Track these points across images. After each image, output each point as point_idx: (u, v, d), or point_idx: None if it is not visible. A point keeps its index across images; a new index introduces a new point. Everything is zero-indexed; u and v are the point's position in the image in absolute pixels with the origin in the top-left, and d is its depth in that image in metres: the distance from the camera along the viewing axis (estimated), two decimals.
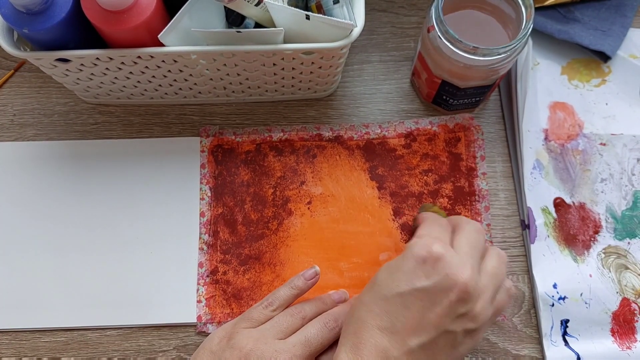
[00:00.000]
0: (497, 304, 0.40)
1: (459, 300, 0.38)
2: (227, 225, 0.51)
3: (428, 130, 0.54)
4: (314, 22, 0.42)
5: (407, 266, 0.39)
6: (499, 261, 0.41)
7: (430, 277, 0.38)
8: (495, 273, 0.40)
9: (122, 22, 0.42)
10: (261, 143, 0.53)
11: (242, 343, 0.41)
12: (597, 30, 0.55)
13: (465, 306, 0.38)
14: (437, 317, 0.37)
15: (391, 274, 0.39)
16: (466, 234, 0.41)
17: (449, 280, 0.37)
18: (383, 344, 0.37)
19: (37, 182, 0.53)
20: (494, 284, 0.40)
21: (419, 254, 0.38)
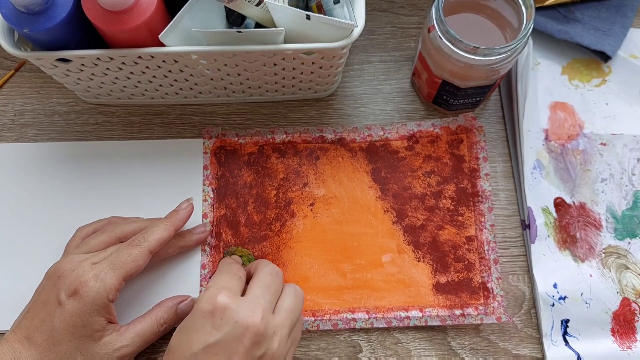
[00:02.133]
0: (293, 337, 0.42)
1: (253, 344, 0.38)
2: (229, 227, 0.51)
3: (430, 132, 0.54)
4: (314, 22, 0.42)
5: (196, 324, 0.39)
6: (295, 298, 0.42)
7: (220, 329, 0.38)
8: (292, 310, 0.41)
9: (122, 22, 0.42)
10: (264, 145, 0.53)
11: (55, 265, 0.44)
12: (597, 30, 0.55)
13: (260, 348, 0.38)
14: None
15: (183, 336, 0.39)
16: (260, 277, 0.42)
17: (239, 327, 0.38)
18: None
19: (37, 183, 0.53)
20: (291, 319, 0.41)
21: (204, 308, 0.39)
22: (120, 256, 0.44)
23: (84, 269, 0.43)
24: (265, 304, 0.40)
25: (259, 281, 0.42)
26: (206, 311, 0.39)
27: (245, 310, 0.39)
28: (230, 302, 0.39)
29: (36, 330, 0.42)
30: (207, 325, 0.38)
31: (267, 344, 0.39)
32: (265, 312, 0.39)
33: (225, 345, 0.38)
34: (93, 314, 0.42)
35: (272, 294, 0.42)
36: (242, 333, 0.38)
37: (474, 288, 0.49)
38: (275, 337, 0.39)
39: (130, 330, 0.44)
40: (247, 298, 0.40)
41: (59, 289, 0.42)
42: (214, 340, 0.38)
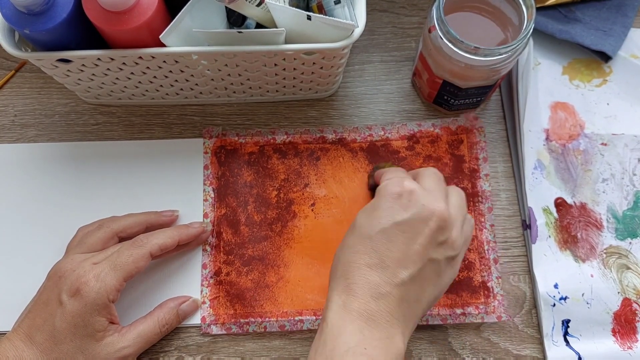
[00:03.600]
0: (465, 233, 0.43)
1: (438, 229, 0.40)
2: (230, 226, 0.51)
3: (431, 132, 0.54)
4: (315, 23, 0.42)
5: (385, 204, 0.40)
6: (460, 196, 0.44)
7: (408, 209, 0.40)
8: (460, 205, 0.43)
9: (123, 23, 0.42)
10: (264, 145, 0.53)
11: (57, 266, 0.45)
12: (598, 30, 0.55)
13: (444, 234, 0.40)
14: (420, 247, 0.39)
15: (370, 215, 0.41)
16: (427, 175, 0.44)
17: (426, 210, 0.40)
18: (374, 280, 0.38)
19: (38, 184, 0.53)
20: (461, 214, 0.42)
21: (393, 190, 0.41)
22: (121, 257, 0.44)
23: (85, 269, 0.43)
24: (443, 196, 0.42)
25: (428, 178, 0.43)
26: (394, 192, 0.41)
27: (430, 196, 0.41)
28: (416, 187, 0.41)
29: (38, 329, 0.42)
30: (396, 205, 0.40)
31: (449, 232, 0.40)
32: (445, 202, 0.41)
33: (412, 224, 0.39)
34: (94, 314, 0.42)
35: (443, 189, 0.43)
36: (428, 216, 0.39)
37: (474, 287, 0.49)
38: (454, 228, 0.41)
39: (132, 331, 0.45)
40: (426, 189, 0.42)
41: (60, 289, 0.42)
42: (402, 219, 0.39)
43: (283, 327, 0.49)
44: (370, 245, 0.39)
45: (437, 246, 0.40)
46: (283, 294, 0.50)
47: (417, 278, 0.39)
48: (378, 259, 0.39)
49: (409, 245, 0.39)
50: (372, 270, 0.39)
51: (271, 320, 0.49)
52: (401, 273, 0.39)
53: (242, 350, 0.49)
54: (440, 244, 0.40)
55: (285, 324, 0.49)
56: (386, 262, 0.39)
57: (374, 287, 0.38)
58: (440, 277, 0.41)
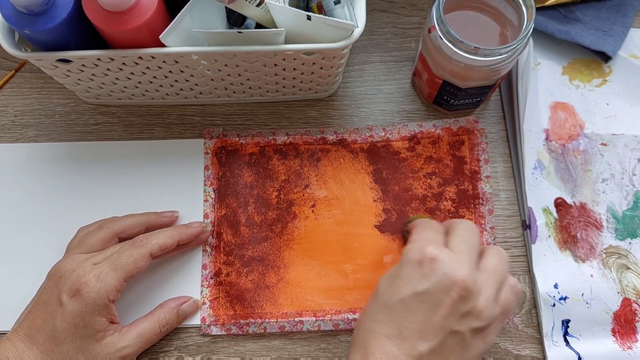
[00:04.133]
0: (502, 302, 0.40)
1: (460, 298, 0.38)
2: (230, 227, 0.51)
3: (432, 133, 0.54)
4: (315, 23, 0.42)
5: (405, 272, 0.39)
6: (499, 258, 0.41)
7: (428, 279, 0.38)
8: (495, 270, 0.40)
9: (123, 23, 0.42)
10: (265, 146, 0.53)
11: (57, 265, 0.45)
12: (598, 31, 0.55)
13: (467, 304, 0.38)
14: (441, 318, 0.37)
15: (391, 282, 0.40)
16: (459, 232, 0.42)
17: (448, 279, 0.38)
18: (392, 351, 0.37)
19: (38, 184, 0.53)
20: (496, 280, 0.40)
21: (414, 258, 0.39)
22: (121, 257, 0.44)
23: (85, 269, 0.43)
24: (470, 259, 0.40)
25: (459, 237, 0.41)
26: (415, 260, 0.39)
27: (452, 263, 0.38)
28: (438, 254, 0.39)
29: (38, 330, 0.42)
30: (416, 274, 0.38)
31: (474, 301, 0.38)
32: (471, 267, 0.39)
33: (433, 295, 0.38)
34: (94, 314, 0.42)
35: (474, 249, 0.41)
36: (449, 285, 0.38)
37: None
38: (482, 296, 0.38)
39: (132, 331, 0.45)
40: (454, 252, 0.40)
41: (60, 289, 0.42)
42: (422, 289, 0.38)
43: (283, 328, 0.49)
44: (389, 315, 0.38)
45: (460, 317, 0.38)
46: (283, 295, 0.50)
47: (437, 351, 0.38)
48: (397, 330, 0.38)
49: (428, 317, 0.37)
50: (391, 340, 0.38)
51: (271, 321, 0.49)
52: (420, 345, 0.37)
53: (242, 350, 0.49)
54: (463, 314, 0.38)
55: (285, 325, 0.49)
56: (405, 334, 0.37)
57: (391, 358, 0.37)
58: (466, 350, 0.38)
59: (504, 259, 0.42)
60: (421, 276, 0.38)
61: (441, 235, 0.42)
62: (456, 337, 0.38)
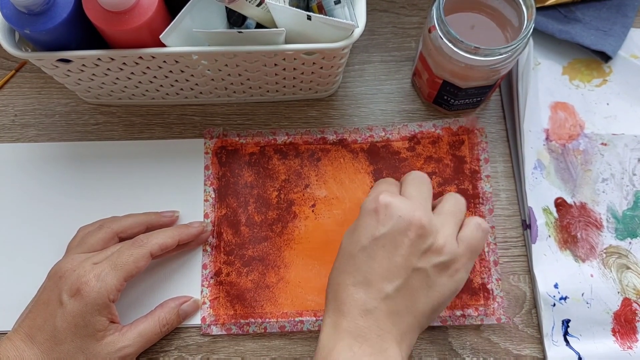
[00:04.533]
0: (467, 238, 0.41)
1: (418, 237, 0.39)
2: (230, 227, 0.51)
3: (432, 133, 0.54)
4: (315, 23, 0.42)
5: (363, 221, 0.41)
6: (455, 201, 0.43)
7: (385, 224, 0.40)
8: (452, 210, 0.42)
9: (123, 23, 0.42)
10: (265, 146, 0.53)
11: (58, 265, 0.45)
12: (598, 30, 0.55)
13: (426, 241, 0.39)
14: (402, 258, 0.39)
15: (352, 234, 0.41)
16: (410, 182, 0.43)
17: (403, 221, 0.39)
18: (360, 297, 0.39)
19: (38, 184, 0.53)
20: (453, 219, 0.42)
21: (370, 207, 0.41)
22: (121, 256, 0.44)
23: (85, 269, 0.43)
24: (423, 202, 0.41)
25: (409, 185, 0.43)
26: (371, 210, 0.41)
27: (406, 206, 0.40)
28: (392, 200, 0.40)
29: (38, 329, 0.42)
30: (373, 221, 0.40)
31: (432, 238, 0.40)
32: (425, 209, 0.41)
33: (391, 237, 0.39)
34: (94, 314, 0.42)
35: (426, 194, 0.42)
36: (406, 226, 0.39)
37: (474, 289, 0.49)
38: (440, 234, 0.40)
39: (133, 330, 0.45)
40: (406, 198, 0.41)
41: (61, 289, 0.43)
42: (380, 234, 0.39)
43: (283, 327, 0.49)
44: (354, 265, 0.40)
45: (421, 255, 0.39)
46: (283, 295, 0.50)
47: (403, 289, 0.39)
48: (362, 277, 0.39)
49: (390, 259, 0.39)
50: (358, 288, 0.39)
51: (271, 321, 0.49)
52: (386, 287, 0.39)
53: (242, 350, 0.49)
54: (424, 252, 0.39)
55: (286, 324, 0.49)
56: (370, 279, 0.39)
57: (360, 304, 0.39)
58: (432, 287, 0.40)
59: (460, 201, 0.43)
60: (378, 222, 0.40)
61: (395, 187, 0.44)
62: (420, 274, 0.39)
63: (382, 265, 0.39)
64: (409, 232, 0.39)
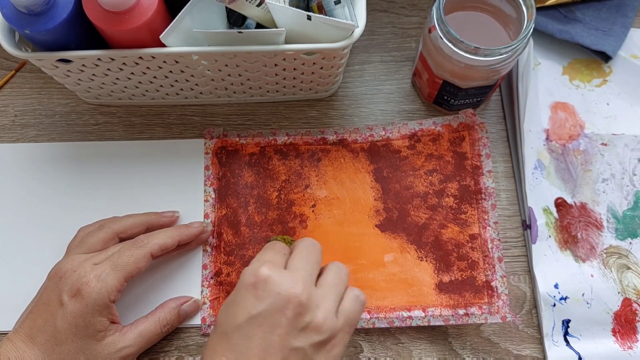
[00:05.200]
0: (345, 312, 0.39)
1: (296, 315, 0.37)
2: (230, 227, 0.51)
3: (432, 130, 0.53)
4: (315, 23, 0.42)
5: (240, 296, 0.38)
6: (338, 272, 0.41)
7: (263, 301, 0.37)
8: (334, 283, 0.40)
9: (123, 23, 0.42)
10: (265, 146, 0.53)
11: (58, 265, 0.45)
12: (598, 31, 0.55)
13: (304, 319, 0.37)
14: (279, 338, 0.37)
15: (228, 309, 0.39)
16: (299, 250, 0.41)
17: (282, 298, 0.37)
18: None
19: (38, 184, 0.53)
20: (334, 292, 0.40)
21: (247, 281, 0.38)
22: (122, 257, 0.44)
23: (86, 269, 0.43)
24: (306, 275, 0.39)
25: (297, 254, 0.41)
26: (249, 284, 0.38)
27: (286, 281, 0.38)
28: (271, 274, 0.38)
29: (39, 330, 0.42)
30: (250, 297, 0.38)
31: (311, 315, 0.38)
32: (306, 283, 0.39)
33: (268, 316, 0.37)
34: (95, 314, 0.42)
35: (312, 265, 0.41)
36: (284, 304, 0.37)
37: (477, 287, 0.49)
38: (319, 309, 0.38)
39: (133, 331, 0.45)
40: (288, 270, 0.40)
41: (61, 289, 0.42)
42: (257, 312, 0.37)
43: None
44: (227, 345, 0.38)
45: (298, 334, 0.37)
46: None
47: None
48: (235, 357, 0.37)
49: (267, 339, 0.37)
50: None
51: None
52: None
53: None
54: (301, 330, 0.37)
55: None
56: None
57: None
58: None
59: (343, 272, 0.41)
60: (255, 299, 0.38)
61: (282, 255, 0.42)
62: (297, 354, 0.37)
63: (258, 346, 0.37)
64: (286, 311, 0.37)
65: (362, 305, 0.41)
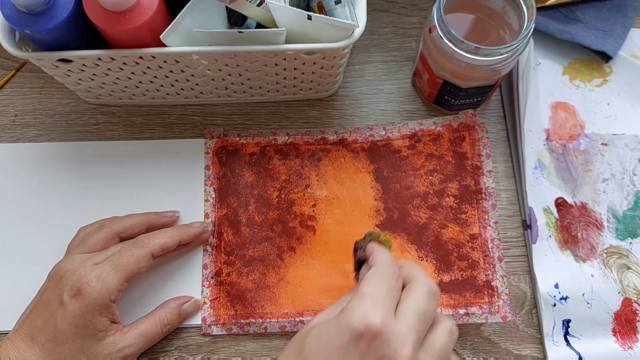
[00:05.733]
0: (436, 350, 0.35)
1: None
2: (231, 227, 0.51)
3: (432, 130, 0.53)
4: (315, 23, 0.42)
5: (341, 340, 0.34)
6: (449, 340, 0.36)
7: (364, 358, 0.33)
8: (441, 354, 0.35)
9: (124, 23, 0.42)
10: (266, 146, 0.53)
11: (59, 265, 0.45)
12: (598, 30, 0.55)
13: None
14: None
15: (322, 347, 0.35)
16: (417, 297, 0.36)
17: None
18: None
19: (38, 184, 0.53)
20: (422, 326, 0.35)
21: (355, 328, 0.34)
22: (122, 257, 0.44)
23: (86, 269, 0.43)
24: (417, 337, 0.34)
25: (415, 303, 0.36)
26: (356, 332, 0.33)
27: (396, 341, 0.33)
28: (384, 329, 0.33)
29: (39, 330, 0.42)
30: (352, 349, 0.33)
31: None
32: (415, 349, 0.34)
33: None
34: (95, 314, 0.42)
35: (425, 324, 0.36)
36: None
37: (478, 287, 0.49)
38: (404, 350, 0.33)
39: (134, 331, 0.45)
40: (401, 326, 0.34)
41: (62, 289, 0.43)
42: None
43: (284, 327, 0.49)
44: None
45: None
46: (284, 295, 0.50)
47: None
48: None
49: None
50: None
51: (272, 321, 0.49)
52: None
53: (242, 350, 0.49)
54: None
55: (286, 324, 0.49)
56: None
57: None
58: None
59: (453, 339, 0.37)
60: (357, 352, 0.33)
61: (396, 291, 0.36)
62: None
63: None
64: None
65: (454, 340, 0.37)
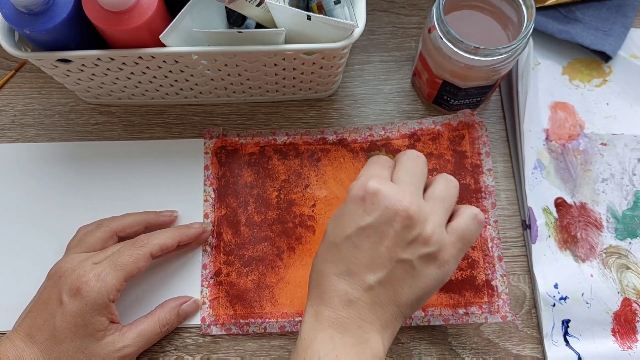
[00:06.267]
0: (460, 228, 0.40)
1: (404, 228, 0.38)
2: (230, 227, 0.51)
3: (432, 129, 0.53)
4: (315, 23, 0.42)
5: (349, 209, 0.40)
6: (446, 185, 0.41)
7: (371, 213, 0.39)
8: (442, 197, 0.40)
9: (123, 23, 0.42)
10: (265, 146, 0.53)
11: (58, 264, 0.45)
12: (598, 30, 0.55)
13: (412, 231, 0.38)
14: (386, 249, 0.38)
15: (337, 221, 0.40)
16: (403, 163, 0.42)
17: (390, 211, 0.38)
18: (342, 288, 0.38)
19: (37, 184, 0.53)
20: (443, 206, 0.40)
21: (356, 194, 0.40)
22: (121, 256, 0.44)
23: (85, 269, 0.43)
24: (413, 188, 0.40)
25: (402, 167, 0.41)
26: (357, 197, 0.39)
27: (394, 194, 0.39)
28: (380, 187, 0.39)
29: (38, 329, 0.42)
30: (359, 210, 0.39)
31: (419, 228, 0.38)
32: (414, 195, 0.39)
33: (376, 227, 0.38)
34: (94, 313, 0.42)
35: (418, 178, 0.41)
36: (392, 217, 0.38)
37: (477, 286, 0.49)
38: (428, 222, 0.38)
39: (133, 330, 0.45)
40: (395, 183, 0.40)
41: (61, 289, 0.43)
42: (366, 224, 0.38)
43: (283, 327, 0.49)
44: (337, 254, 0.39)
45: (407, 246, 0.38)
46: (283, 295, 0.50)
47: (386, 281, 0.38)
48: (345, 267, 0.39)
49: (375, 250, 0.38)
50: (340, 278, 0.39)
51: (271, 321, 0.49)
52: (369, 278, 0.38)
53: (241, 350, 0.49)
54: (410, 242, 0.38)
55: (285, 324, 0.49)
56: (353, 269, 0.38)
57: (342, 294, 0.38)
58: (417, 278, 0.39)
59: (451, 184, 0.42)
60: (364, 211, 0.39)
61: (387, 169, 0.42)
62: (405, 265, 0.38)
63: (366, 256, 0.38)
64: (394, 223, 0.38)
65: (480, 225, 0.41)
